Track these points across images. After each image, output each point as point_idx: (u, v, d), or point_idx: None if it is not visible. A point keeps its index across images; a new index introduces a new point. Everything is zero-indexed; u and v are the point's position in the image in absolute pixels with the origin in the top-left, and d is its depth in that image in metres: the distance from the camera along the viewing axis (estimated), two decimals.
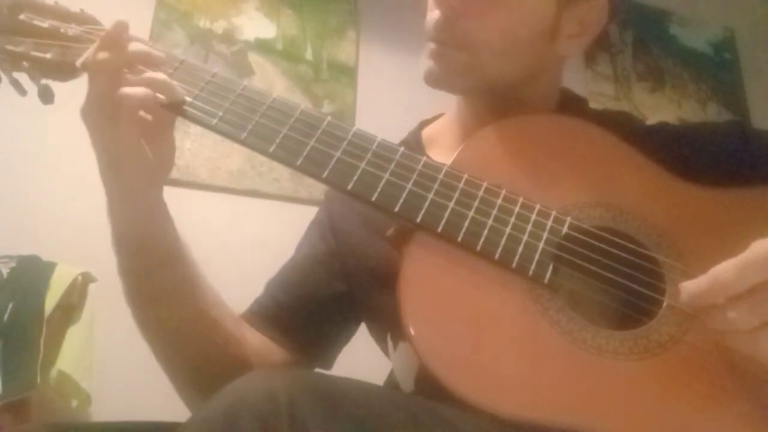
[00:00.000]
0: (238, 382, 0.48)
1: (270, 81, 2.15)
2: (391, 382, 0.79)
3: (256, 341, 0.76)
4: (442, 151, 0.78)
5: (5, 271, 1.51)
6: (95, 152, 0.64)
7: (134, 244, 0.66)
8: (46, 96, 0.68)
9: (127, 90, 0.60)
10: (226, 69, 2.06)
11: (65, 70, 0.68)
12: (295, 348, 0.78)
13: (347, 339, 0.84)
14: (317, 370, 0.81)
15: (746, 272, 0.50)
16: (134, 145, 0.62)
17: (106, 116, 0.60)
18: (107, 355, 1.57)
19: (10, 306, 1.44)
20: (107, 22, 0.72)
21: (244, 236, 1.91)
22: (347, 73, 2.27)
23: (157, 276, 0.67)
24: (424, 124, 0.88)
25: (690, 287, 0.53)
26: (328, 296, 0.79)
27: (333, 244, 0.81)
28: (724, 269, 0.51)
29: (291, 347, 0.78)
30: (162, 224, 0.68)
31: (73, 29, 0.68)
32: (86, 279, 1.56)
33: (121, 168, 0.63)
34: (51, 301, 1.48)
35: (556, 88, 0.80)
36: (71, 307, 1.52)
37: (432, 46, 0.72)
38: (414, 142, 0.83)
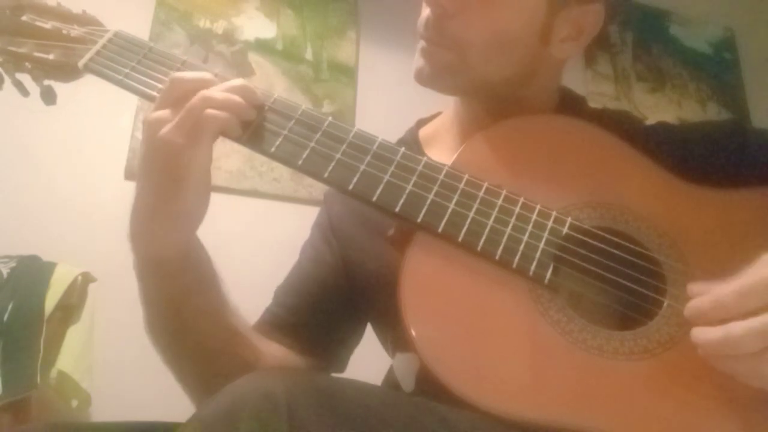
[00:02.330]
0: (238, 383, 0.48)
1: (270, 81, 2.15)
2: (390, 380, 0.79)
3: (278, 353, 0.75)
4: (440, 151, 0.78)
5: (5, 271, 1.51)
6: (151, 176, 0.61)
7: (174, 267, 0.64)
8: (49, 97, 0.69)
9: (219, 113, 0.60)
10: (226, 69, 2.06)
11: (68, 71, 0.68)
12: (309, 352, 0.78)
13: (358, 339, 0.84)
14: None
15: (747, 297, 0.49)
16: (208, 166, 0.61)
17: (190, 136, 0.59)
18: (107, 355, 1.57)
19: (10, 306, 1.43)
20: (108, 23, 0.72)
21: (244, 236, 1.91)
22: (347, 73, 2.27)
23: (196, 298, 0.66)
24: (421, 122, 0.88)
25: (693, 305, 0.52)
26: (336, 298, 0.79)
27: (335, 245, 0.81)
28: (726, 292, 0.50)
29: (306, 352, 0.78)
30: (198, 244, 0.67)
31: (75, 30, 0.69)
32: (86, 279, 1.56)
33: (183, 189, 0.60)
34: (51, 301, 1.48)
35: (554, 89, 0.80)
36: (71, 307, 1.52)
37: (422, 44, 0.72)
38: (412, 142, 0.83)
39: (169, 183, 0.60)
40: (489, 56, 0.70)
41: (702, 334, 0.51)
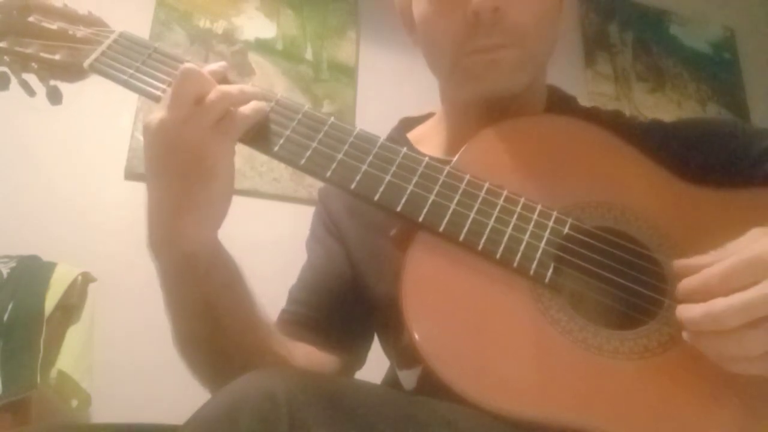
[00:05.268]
0: (238, 382, 0.48)
1: (270, 81, 2.15)
2: (390, 380, 0.79)
3: (305, 350, 0.75)
4: (428, 152, 0.77)
5: (5, 271, 1.51)
6: (173, 175, 0.60)
7: (205, 264, 0.63)
8: (55, 97, 0.69)
9: (245, 109, 0.62)
10: None
11: (73, 72, 0.69)
12: (335, 347, 0.77)
13: (374, 333, 0.83)
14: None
15: (732, 276, 0.50)
16: (233, 158, 0.63)
17: (221, 132, 0.60)
18: (107, 355, 1.57)
19: (10, 306, 1.43)
20: (108, 23, 0.72)
21: (244, 236, 1.90)
22: (347, 73, 2.27)
23: (229, 295, 0.65)
24: (406, 122, 0.87)
25: (684, 285, 0.53)
26: (353, 289, 0.79)
27: (338, 237, 0.81)
28: (711, 273, 0.51)
29: (331, 347, 0.77)
30: (219, 240, 0.66)
31: (81, 31, 0.69)
32: (86, 279, 1.56)
33: (210, 184, 0.61)
34: (51, 301, 1.48)
35: (543, 86, 0.80)
36: (71, 307, 1.52)
37: (483, 56, 0.69)
38: (402, 141, 0.82)
39: (196, 178, 0.60)
40: (543, 39, 0.72)
41: (685, 311, 0.51)
